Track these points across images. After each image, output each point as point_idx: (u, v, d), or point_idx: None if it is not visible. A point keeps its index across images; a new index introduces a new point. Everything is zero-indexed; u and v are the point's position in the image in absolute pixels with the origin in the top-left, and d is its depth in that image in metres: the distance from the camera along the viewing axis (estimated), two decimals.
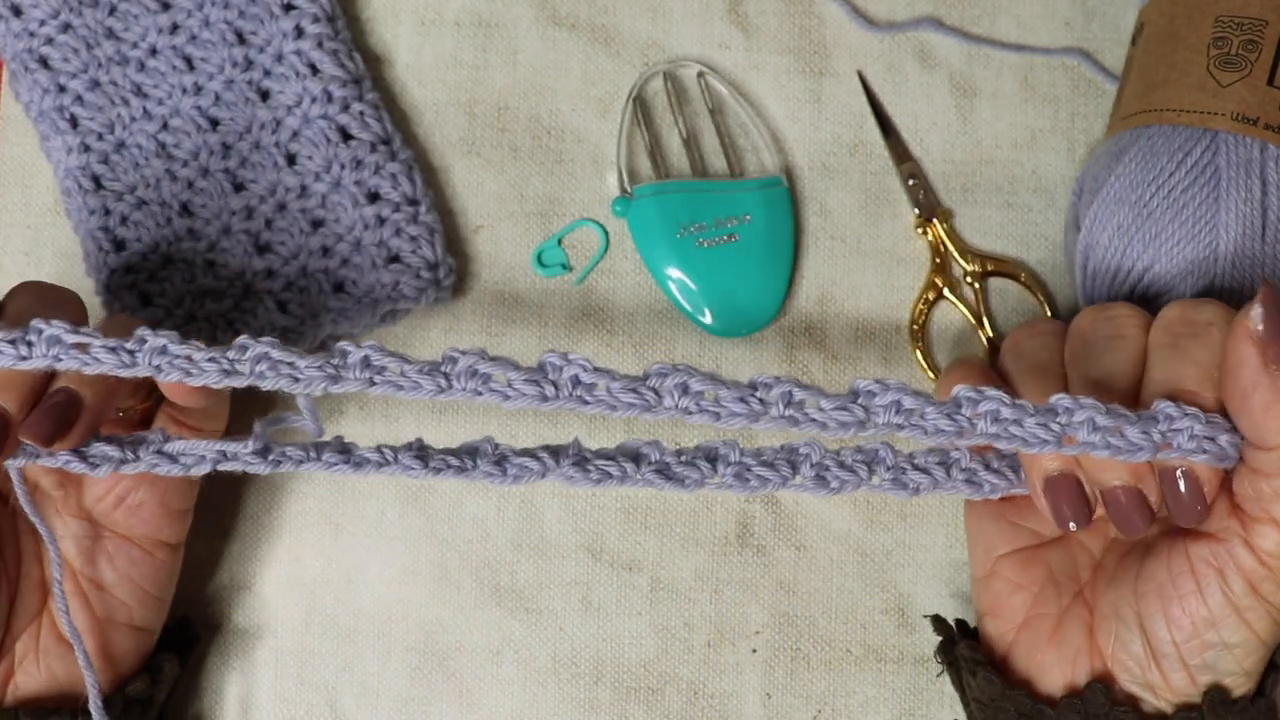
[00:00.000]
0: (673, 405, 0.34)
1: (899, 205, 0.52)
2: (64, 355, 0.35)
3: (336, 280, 0.48)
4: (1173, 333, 0.39)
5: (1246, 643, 0.38)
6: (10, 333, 0.35)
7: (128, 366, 0.35)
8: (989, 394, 0.35)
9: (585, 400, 0.34)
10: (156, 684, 0.44)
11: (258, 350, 0.35)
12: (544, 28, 0.52)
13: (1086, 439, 0.35)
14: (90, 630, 0.43)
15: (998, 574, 0.44)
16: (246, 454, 0.38)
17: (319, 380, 0.35)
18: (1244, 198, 0.44)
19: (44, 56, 0.50)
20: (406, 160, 0.49)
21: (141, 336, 0.35)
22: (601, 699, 0.48)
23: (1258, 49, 0.45)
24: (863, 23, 0.52)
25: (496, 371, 0.35)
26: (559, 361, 0.35)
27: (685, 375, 0.35)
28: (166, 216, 0.49)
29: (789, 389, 0.35)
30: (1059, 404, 0.35)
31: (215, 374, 0.35)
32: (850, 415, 0.35)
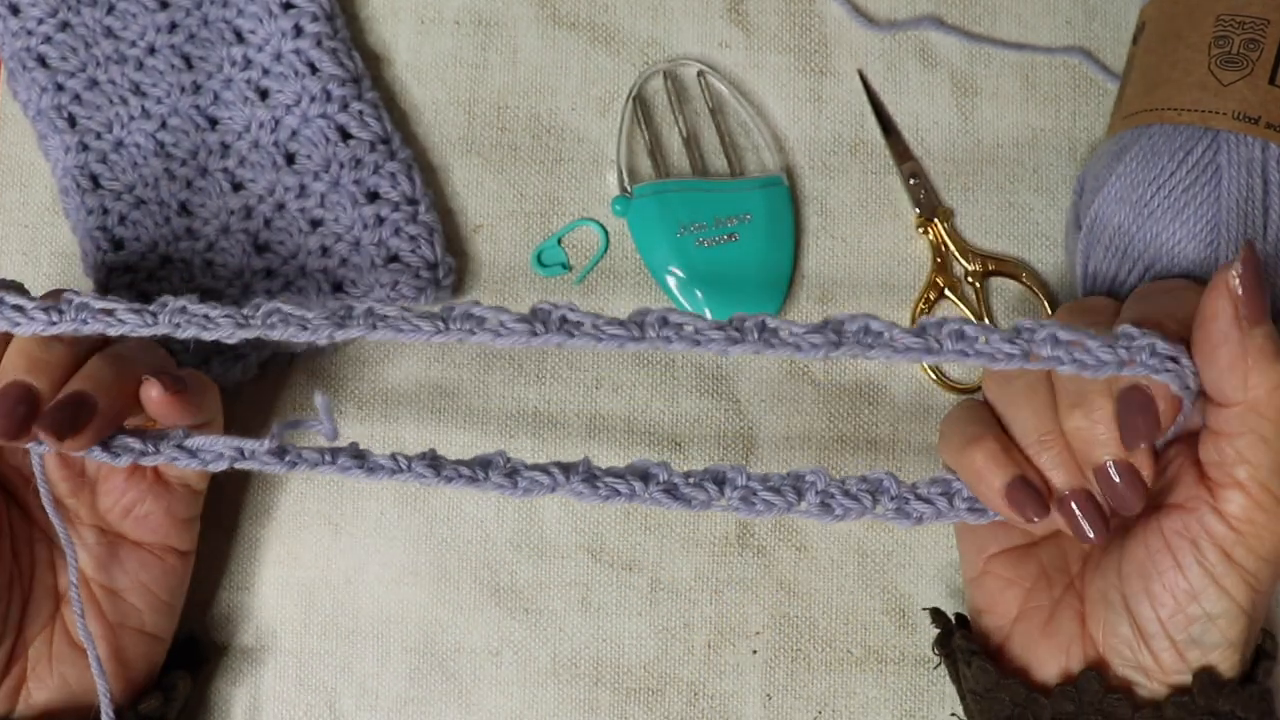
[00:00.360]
0: (655, 336, 0.36)
1: (900, 205, 0.51)
2: (90, 319, 0.37)
3: (335, 280, 0.48)
4: (1141, 292, 0.40)
5: (1228, 612, 0.38)
6: (45, 302, 0.37)
7: (149, 326, 0.37)
8: (953, 317, 0.36)
9: (571, 333, 0.36)
10: (170, 701, 0.44)
11: (270, 306, 0.37)
12: (544, 27, 0.52)
13: (1050, 355, 0.36)
14: (102, 635, 0.43)
15: (990, 572, 0.44)
16: (263, 453, 0.39)
17: (325, 327, 0.37)
18: (1245, 197, 0.44)
19: (42, 55, 0.50)
20: (406, 159, 0.49)
21: (163, 300, 0.37)
22: (601, 700, 0.48)
23: (1259, 48, 0.45)
24: (863, 21, 0.52)
25: (489, 315, 0.36)
26: (548, 307, 0.36)
27: (665, 311, 0.36)
28: (165, 216, 0.48)
29: (761, 318, 0.36)
30: (1021, 323, 0.37)
31: (230, 326, 0.37)
32: (822, 337, 0.36)
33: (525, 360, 0.50)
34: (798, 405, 0.50)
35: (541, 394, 0.50)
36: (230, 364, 0.47)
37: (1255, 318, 0.36)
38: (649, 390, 0.50)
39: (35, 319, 0.37)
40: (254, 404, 0.49)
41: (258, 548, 0.49)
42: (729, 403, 0.50)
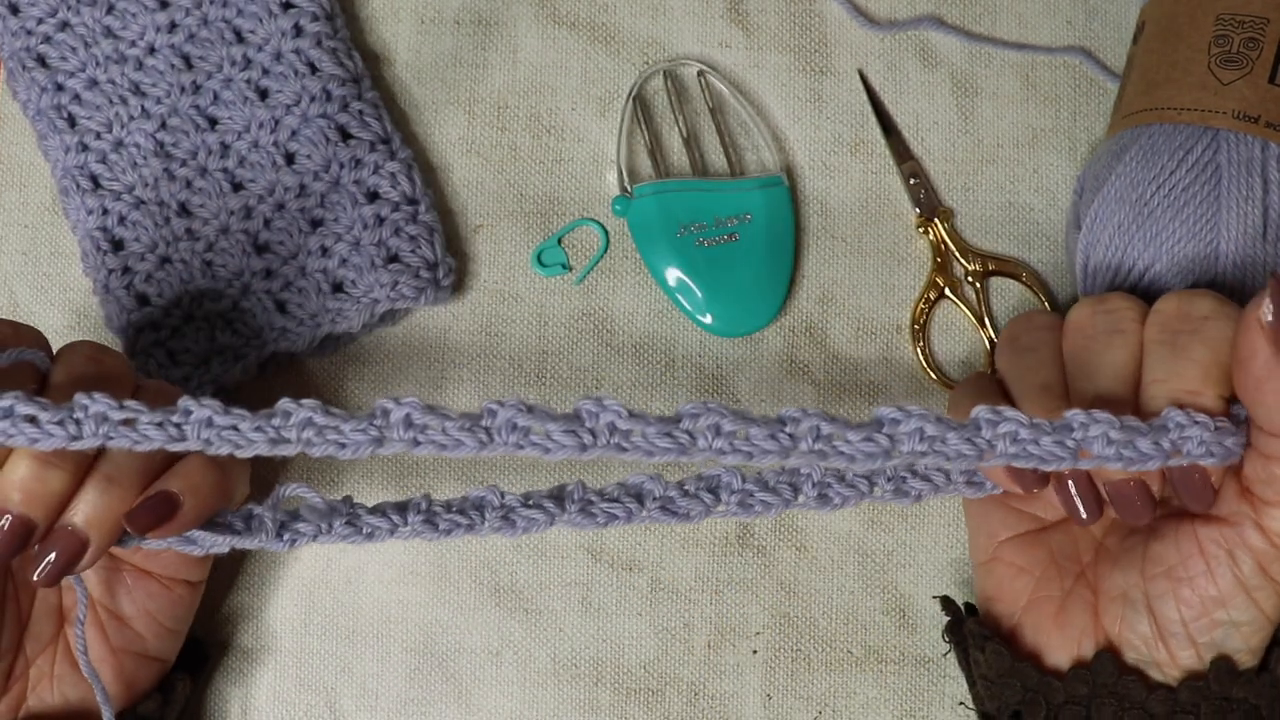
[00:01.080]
0: (707, 446, 0.35)
1: (900, 204, 0.51)
2: (114, 434, 0.35)
3: (335, 280, 0.48)
4: (1170, 329, 0.39)
5: (1254, 620, 0.39)
6: (56, 412, 0.34)
7: (176, 440, 0.35)
8: (1007, 415, 0.36)
9: (623, 447, 0.35)
10: (168, 703, 0.44)
11: (302, 415, 0.35)
12: (544, 26, 0.52)
13: (1101, 453, 0.36)
14: (105, 659, 0.42)
15: (1000, 559, 0.44)
16: (264, 541, 0.39)
17: (365, 444, 0.35)
18: (1245, 196, 0.44)
19: (42, 55, 0.49)
20: (406, 159, 0.49)
21: (186, 408, 0.35)
22: (601, 700, 0.48)
23: (1259, 47, 0.45)
24: (864, 21, 0.52)
25: (535, 424, 0.35)
26: (594, 408, 0.35)
27: (718, 416, 0.35)
28: (165, 216, 0.48)
29: (816, 423, 0.35)
30: (1074, 419, 0.36)
31: (264, 444, 0.35)
32: (876, 446, 0.35)
33: (525, 360, 0.50)
34: (797, 405, 0.50)
35: (541, 394, 0.50)
36: (230, 364, 0.47)
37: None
38: (649, 390, 0.50)
39: (54, 435, 0.35)
40: (254, 404, 0.49)
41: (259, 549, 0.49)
42: (729, 403, 0.50)
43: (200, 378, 0.47)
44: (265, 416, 0.35)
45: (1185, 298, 0.40)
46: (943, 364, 0.50)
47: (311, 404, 0.35)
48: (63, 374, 0.38)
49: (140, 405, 0.35)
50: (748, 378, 0.50)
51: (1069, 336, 0.42)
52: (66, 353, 0.39)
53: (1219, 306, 0.39)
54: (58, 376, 0.38)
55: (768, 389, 0.50)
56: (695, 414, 0.35)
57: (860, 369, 0.50)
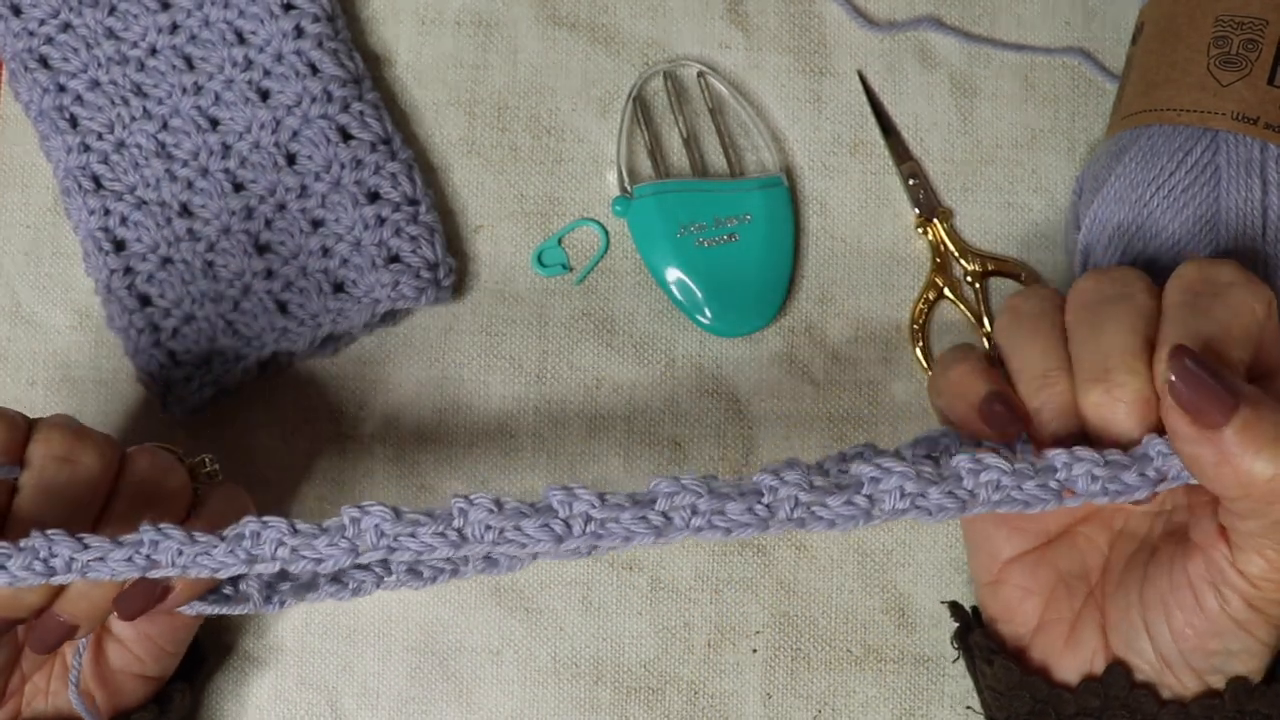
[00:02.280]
0: (684, 526, 0.34)
1: (899, 205, 0.52)
2: (89, 569, 0.34)
3: (336, 280, 0.48)
4: (1192, 290, 0.37)
5: (1249, 649, 0.38)
6: (22, 555, 0.34)
7: (153, 568, 0.35)
8: (988, 461, 0.35)
9: (600, 534, 0.34)
10: (165, 714, 0.43)
11: (271, 535, 0.35)
12: (544, 27, 0.52)
13: (1086, 489, 0.35)
14: (99, 678, 0.42)
15: (1005, 580, 0.43)
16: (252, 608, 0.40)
17: (344, 556, 0.35)
18: (1244, 197, 0.44)
19: (44, 56, 0.50)
20: (406, 160, 0.49)
21: (152, 540, 0.34)
22: (601, 699, 0.48)
23: (1258, 48, 0.45)
24: (863, 22, 0.52)
25: (507, 524, 0.34)
26: (565, 498, 0.34)
27: (693, 495, 0.34)
28: (166, 217, 0.49)
29: (794, 493, 0.34)
30: (1056, 460, 0.35)
31: (239, 565, 0.35)
32: (855, 509, 0.35)
33: (525, 360, 0.50)
34: (798, 405, 0.50)
35: (541, 394, 0.50)
36: (231, 364, 0.48)
37: (1217, 420, 0.34)
38: (649, 390, 0.50)
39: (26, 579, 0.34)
40: (254, 403, 0.50)
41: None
42: (729, 403, 0.50)
43: (201, 378, 0.47)
44: (236, 539, 0.35)
45: (1209, 264, 0.38)
46: None
47: (277, 523, 0.35)
48: (33, 488, 0.37)
49: (105, 542, 0.34)
50: (748, 378, 0.50)
51: (1072, 308, 0.39)
52: (38, 448, 0.38)
53: (1242, 274, 0.37)
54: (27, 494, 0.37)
55: (768, 389, 0.50)
56: (669, 492, 0.34)
57: (860, 369, 0.50)
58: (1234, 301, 0.37)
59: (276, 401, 0.50)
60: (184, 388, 0.47)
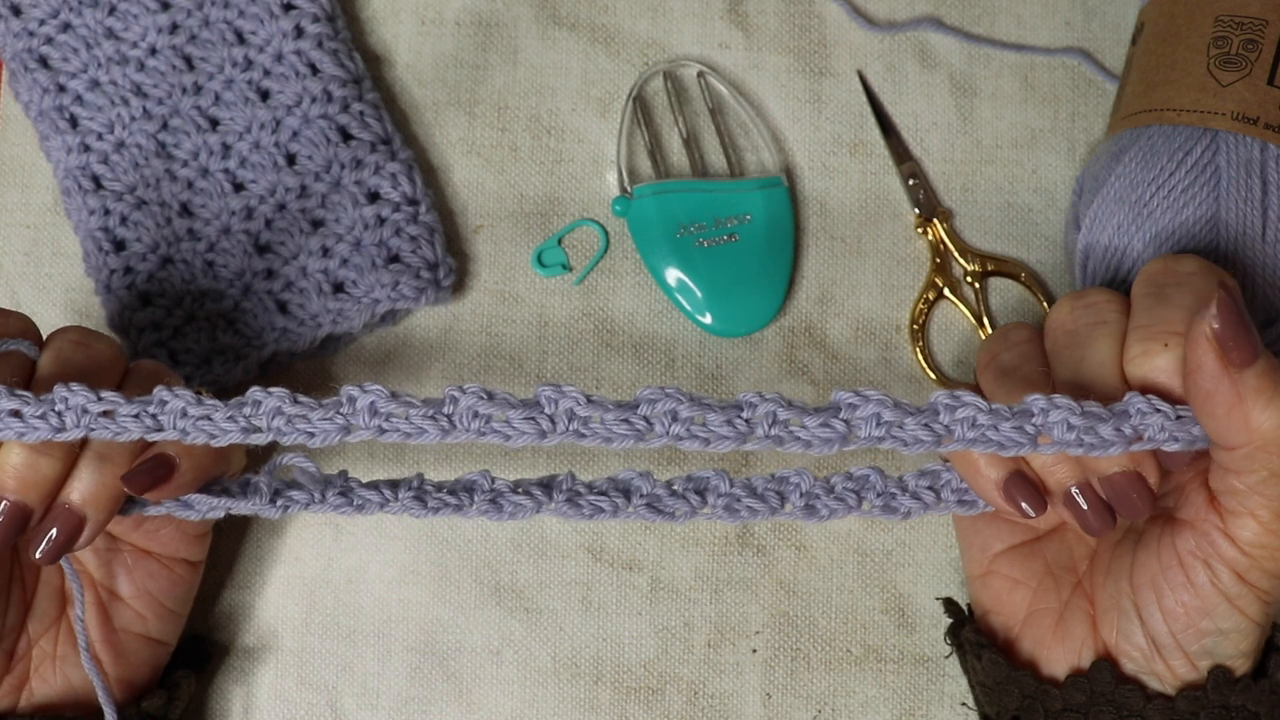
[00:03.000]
0: (664, 432, 0.35)
1: (899, 205, 0.52)
2: (95, 425, 0.36)
3: (336, 280, 0.48)
4: (1156, 283, 0.39)
5: (1240, 627, 0.38)
6: (39, 405, 0.36)
7: (154, 430, 0.36)
8: (965, 399, 0.36)
9: (582, 434, 0.36)
10: (173, 701, 0.44)
11: (271, 404, 0.36)
12: (544, 27, 0.52)
13: (1061, 438, 0.36)
14: (105, 640, 0.43)
15: (995, 572, 0.44)
16: (258, 506, 0.40)
17: (333, 432, 0.36)
18: (1244, 197, 0.44)
19: (44, 56, 0.50)
20: (406, 160, 0.49)
21: (161, 399, 0.36)
22: (601, 699, 0.48)
23: (1258, 48, 0.45)
24: (863, 22, 0.52)
25: (496, 411, 0.36)
26: (553, 394, 0.36)
27: (674, 401, 0.35)
28: (166, 216, 0.49)
29: (773, 409, 0.35)
30: (1034, 405, 0.36)
31: (237, 433, 0.36)
32: (832, 431, 0.35)
33: (525, 360, 0.50)
34: None
35: None
36: (231, 364, 0.48)
37: (1244, 359, 0.35)
38: None
39: (38, 428, 0.36)
40: None
41: (260, 548, 0.49)
42: None
43: (202, 377, 0.47)
44: (237, 405, 0.36)
45: (1170, 257, 0.40)
46: (941, 364, 0.51)
47: (280, 392, 0.36)
48: (52, 362, 0.38)
49: (118, 397, 0.36)
50: (747, 378, 0.50)
51: (1050, 337, 0.41)
52: (55, 339, 0.40)
53: (1203, 264, 0.39)
54: (46, 365, 0.38)
55: (767, 389, 0.50)
56: (653, 399, 0.35)
57: (859, 369, 0.51)
58: (1196, 287, 0.38)
59: None
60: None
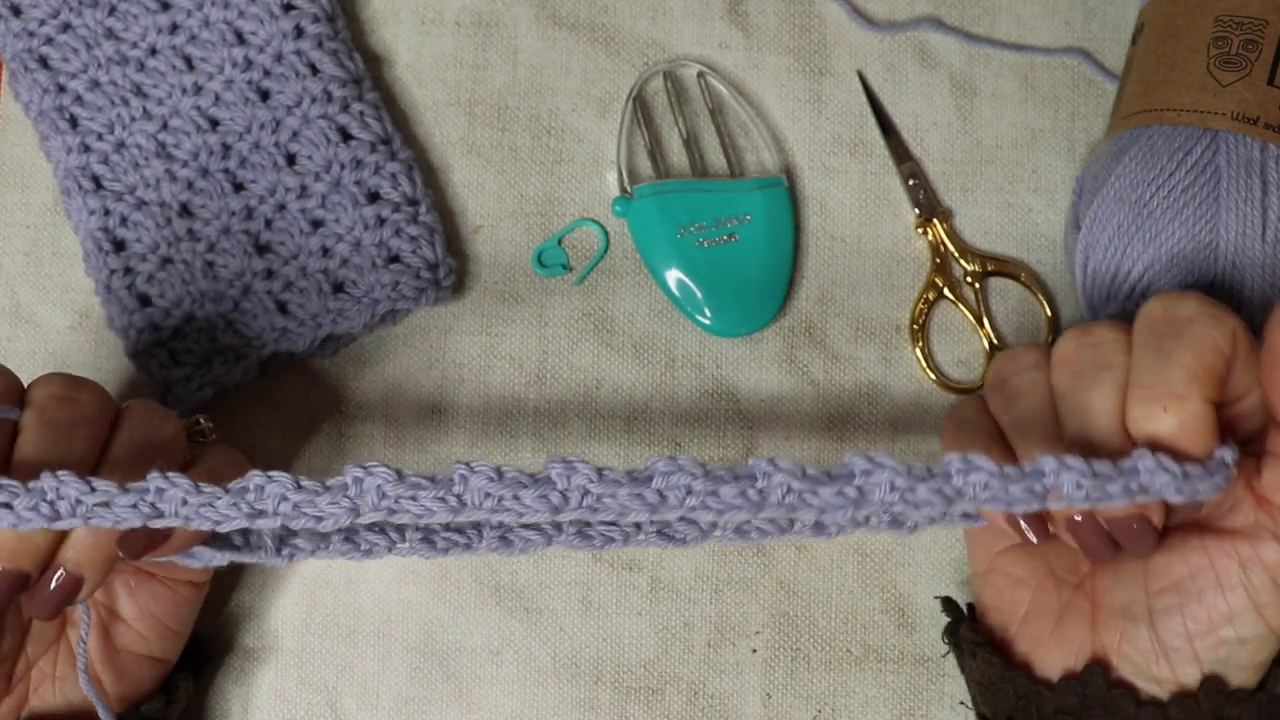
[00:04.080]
0: (678, 504, 0.35)
1: (899, 205, 0.52)
2: (92, 514, 0.35)
3: (336, 280, 0.48)
4: (1156, 333, 0.38)
5: (1261, 637, 0.38)
6: (29, 495, 0.34)
7: (155, 518, 0.35)
8: (977, 463, 0.35)
9: (595, 509, 0.35)
10: (171, 704, 0.44)
11: (274, 490, 0.35)
12: (544, 27, 0.52)
13: (1070, 495, 0.35)
14: (106, 660, 0.42)
15: (997, 569, 0.44)
16: (264, 557, 0.40)
17: (344, 515, 0.35)
18: (1244, 197, 0.44)
19: (44, 56, 0.50)
20: (406, 160, 0.49)
21: (158, 488, 0.35)
22: (601, 699, 0.48)
23: (1258, 48, 0.45)
24: (863, 22, 0.52)
25: (506, 492, 0.35)
26: (564, 470, 0.35)
27: (689, 476, 0.34)
28: (166, 217, 0.49)
29: (786, 480, 0.34)
30: (1045, 466, 0.35)
31: (241, 519, 0.35)
32: (845, 499, 0.35)
33: (525, 360, 0.50)
34: (798, 405, 0.50)
35: (541, 394, 0.50)
36: (231, 364, 0.48)
37: None
38: (649, 390, 0.50)
39: (31, 520, 0.35)
40: (255, 404, 0.50)
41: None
42: (729, 403, 0.50)
43: (202, 378, 0.47)
44: (240, 492, 0.35)
45: (1170, 300, 0.39)
46: (941, 364, 0.51)
47: (282, 478, 0.35)
48: (35, 424, 0.38)
49: (111, 487, 0.35)
50: (748, 378, 0.50)
51: (1056, 371, 0.40)
52: (38, 395, 0.39)
53: (1203, 308, 0.38)
54: (29, 429, 0.37)
55: (767, 389, 0.50)
56: (666, 472, 0.34)
57: (859, 369, 0.51)
58: (1195, 339, 0.37)
59: (276, 401, 0.50)
60: (184, 388, 0.47)
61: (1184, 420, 0.36)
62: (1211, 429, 0.36)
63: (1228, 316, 0.38)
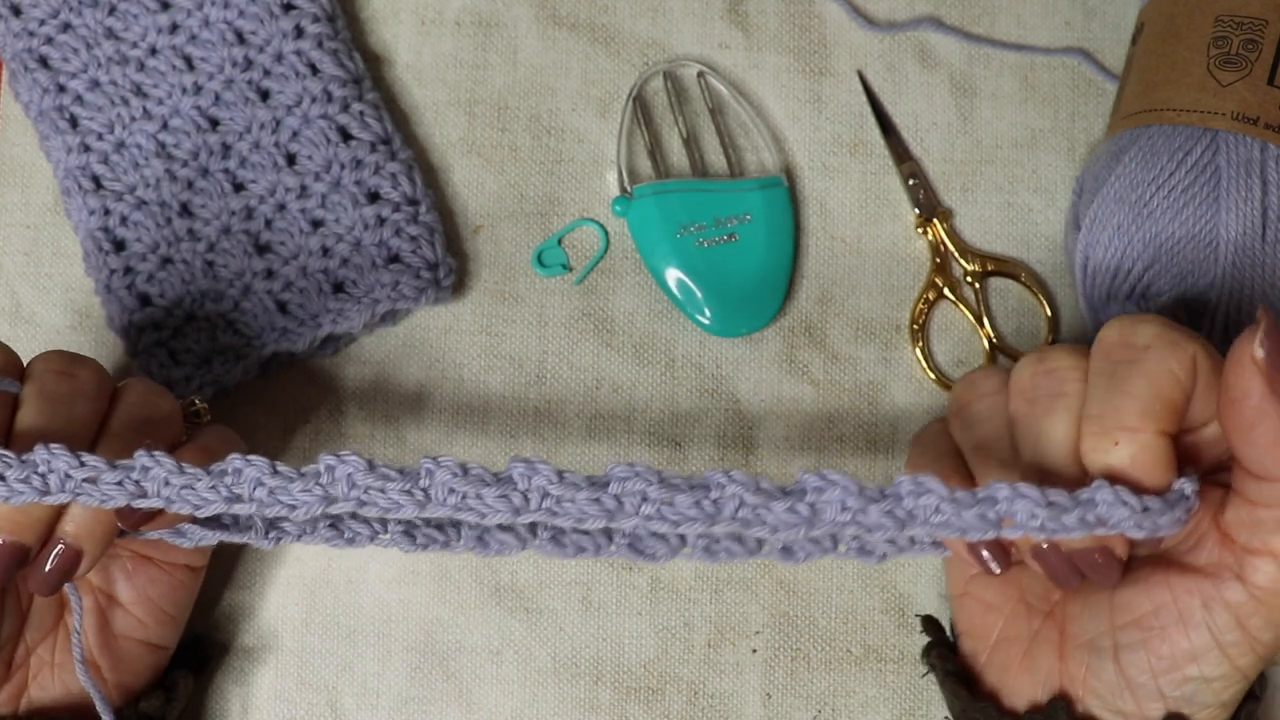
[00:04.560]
0: (634, 512, 0.35)
1: (899, 205, 0.52)
2: (80, 490, 0.35)
3: (336, 280, 0.48)
4: (1110, 359, 0.37)
5: (1226, 676, 0.37)
6: (21, 468, 0.35)
7: (139, 497, 0.36)
8: (929, 486, 0.35)
9: (554, 512, 0.35)
10: (171, 701, 0.44)
11: (253, 475, 0.35)
12: (544, 27, 0.52)
13: (1024, 524, 0.35)
14: (104, 646, 0.42)
15: (971, 593, 0.43)
16: (252, 538, 0.41)
17: (316, 503, 0.36)
18: (1244, 197, 0.44)
19: (44, 56, 0.50)
20: (406, 160, 0.49)
21: (143, 465, 0.35)
22: (601, 699, 0.48)
23: (1258, 48, 0.45)
24: (863, 22, 0.52)
25: (469, 489, 0.35)
26: (526, 471, 0.35)
27: (644, 482, 0.35)
28: (166, 217, 0.49)
29: (739, 492, 0.35)
30: (998, 493, 0.35)
31: (220, 502, 0.36)
32: (797, 517, 0.35)
33: (525, 360, 0.50)
34: (798, 405, 0.50)
35: (541, 394, 0.50)
36: (231, 364, 0.48)
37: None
38: (649, 390, 0.50)
39: (23, 492, 0.35)
40: (254, 403, 0.50)
41: (260, 548, 0.49)
42: (729, 403, 0.50)
43: (202, 377, 0.47)
44: (219, 475, 0.35)
45: (1127, 325, 0.37)
46: (941, 364, 0.51)
47: (260, 461, 0.35)
48: (35, 397, 0.38)
49: (100, 462, 0.35)
50: (747, 378, 0.50)
51: (1013, 399, 0.39)
52: (37, 369, 0.39)
53: (1161, 333, 0.36)
54: (29, 401, 0.38)
55: (767, 389, 0.50)
56: (623, 477, 0.35)
57: (859, 369, 0.51)
58: (1150, 368, 0.36)
59: (276, 401, 0.50)
60: (184, 388, 0.47)
61: (1136, 453, 0.35)
62: (1166, 462, 0.35)
63: (1187, 342, 0.36)
